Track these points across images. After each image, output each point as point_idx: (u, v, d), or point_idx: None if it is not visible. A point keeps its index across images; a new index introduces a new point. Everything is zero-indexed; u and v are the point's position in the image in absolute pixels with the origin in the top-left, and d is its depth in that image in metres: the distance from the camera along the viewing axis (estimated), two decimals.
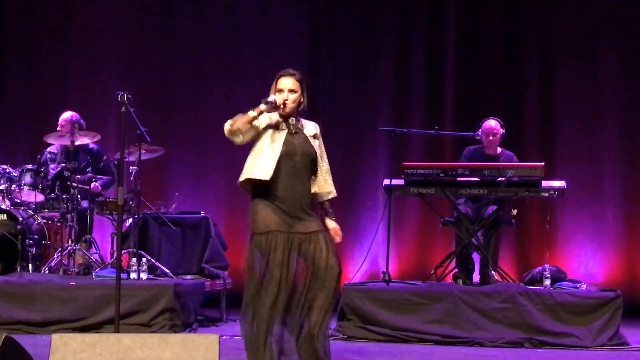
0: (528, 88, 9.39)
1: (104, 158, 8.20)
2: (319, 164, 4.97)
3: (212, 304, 7.87)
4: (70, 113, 8.25)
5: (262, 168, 4.83)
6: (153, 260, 7.57)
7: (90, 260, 7.77)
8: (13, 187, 7.85)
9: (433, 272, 7.41)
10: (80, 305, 6.86)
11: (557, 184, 7.26)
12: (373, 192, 9.21)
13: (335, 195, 5.05)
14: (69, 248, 7.68)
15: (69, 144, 7.86)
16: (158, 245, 7.93)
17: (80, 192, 7.87)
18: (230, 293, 7.84)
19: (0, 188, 7.84)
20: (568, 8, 9.35)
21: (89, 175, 8.07)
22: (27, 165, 8.03)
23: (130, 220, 7.80)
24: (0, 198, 7.84)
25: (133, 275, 7.21)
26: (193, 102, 9.75)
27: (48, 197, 7.90)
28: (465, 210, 7.38)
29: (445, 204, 7.79)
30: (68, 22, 9.99)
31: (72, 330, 6.56)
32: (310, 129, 5.02)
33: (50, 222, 7.97)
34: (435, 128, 7.82)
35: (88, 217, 7.99)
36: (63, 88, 9.87)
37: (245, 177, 4.87)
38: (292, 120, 4.96)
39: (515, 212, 7.34)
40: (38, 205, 7.88)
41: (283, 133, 4.91)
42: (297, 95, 4.96)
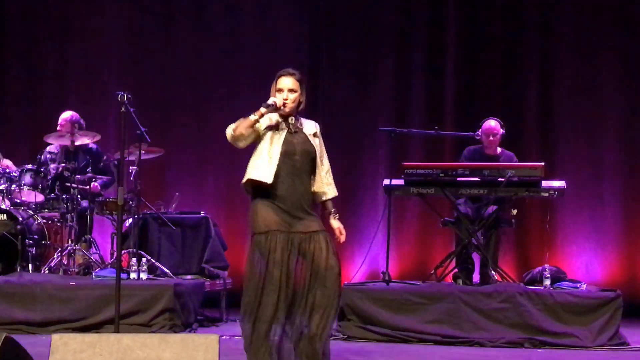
0: (528, 88, 9.40)
1: (104, 158, 8.21)
2: (318, 163, 4.97)
3: (212, 304, 7.87)
4: (70, 113, 8.24)
5: (263, 170, 4.84)
6: (153, 260, 7.57)
7: (90, 260, 7.77)
8: (13, 187, 7.85)
9: (433, 272, 7.40)
10: (80, 305, 6.86)
11: (557, 184, 7.25)
12: (373, 192, 9.21)
13: (336, 195, 5.05)
14: (69, 248, 7.68)
15: (69, 144, 7.86)
16: (158, 245, 7.93)
17: (80, 192, 7.87)
18: (230, 293, 7.85)
19: (0, 188, 7.84)
20: (568, 8, 9.36)
21: (89, 176, 8.06)
22: (27, 165, 8.03)
23: (130, 220, 7.80)
24: (0, 198, 7.84)
25: (133, 275, 7.21)
26: (193, 102, 9.76)
27: (48, 197, 7.90)
28: (465, 210, 7.37)
29: (445, 204, 7.79)
30: (68, 22, 10.00)
31: (72, 330, 6.56)
32: (310, 128, 5.02)
33: (50, 222, 7.97)
34: (435, 128, 7.81)
35: (88, 217, 8.00)
36: (63, 88, 9.88)
37: (247, 178, 4.88)
38: (291, 120, 4.96)
39: (515, 212, 7.33)
40: (38, 205, 7.88)
41: (283, 133, 4.91)
42: (297, 95, 4.96)
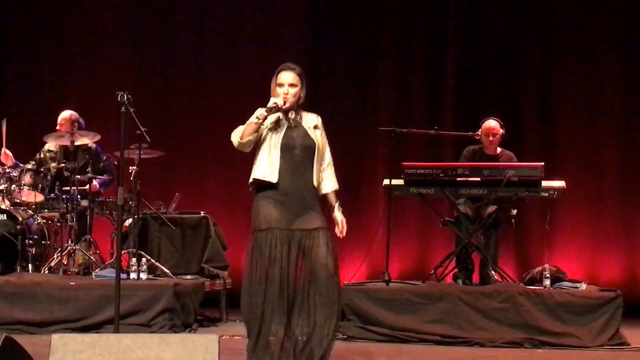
0: (528, 88, 9.40)
1: (104, 158, 8.21)
2: (317, 156, 4.96)
3: (212, 304, 7.86)
4: (70, 112, 8.24)
5: (266, 168, 4.87)
6: (153, 260, 7.57)
7: (90, 260, 7.77)
8: (13, 187, 7.84)
9: (433, 272, 7.40)
10: (80, 305, 6.85)
11: (557, 184, 7.25)
12: (373, 192, 9.21)
13: (337, 188, 5.05)
14: (69, 248, 7.68)
15: (69, 144, 7.86)
16: (158, 245, 7.93)
17: (80, 191, 7.86)
18: (230, 293, 7.83)
19: (0, 188, 7.84)
20: (568, 8, 9.36)
21: (89, 176, 8.06)
22: (27, 165, 8.04)
23: (130, 220, 7.80)
24: (0, 198, 7.83)
25: (133, 275, 7.20)
26: (193, 101, 9.76)
27: (48, 197, 7.90)
28: (465, 210, 7.37)
29: (445, 204, 7.79)
30: (68, 22, 10.00)
31: (72, 330, 6.55)
32: (311, 121, 5.03)
33: (50, 222, 7.97)
34: (435, 128, 7.81)
35: (88, 217, 8.00)
36: (63, 88, 9.87)
37: (253, 178, 4.90)
38: (291, 114, 4.98)
39: (515, 212, 7.32)
40: (38, 205, 7.88)
41: (283, 128, 4.94)
42: (297, 90, 4.99)
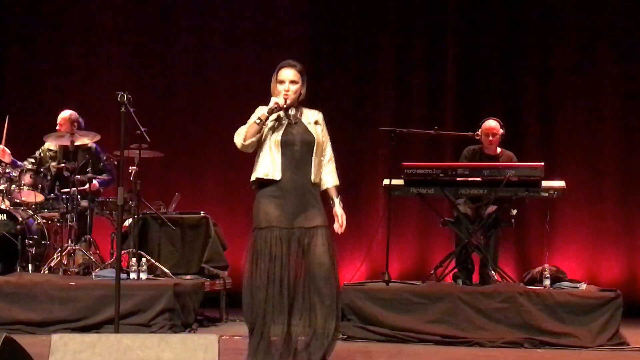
0: (528, 88, 9.40)
1: (104, 158, 8.21)
2: (315, 151, 4.95)
3: (211, 304, 7.86)
4: (69, 112, 8.24)
5: (269, 167, 4.88)
6: (153, 260, 7.57)
7: (90, 260, 7.77)
8: (13, 187, 7.84)
9: (433, 272, 7.40)
10: (80, 305, 6.85)
11: (557, 184, 7.25)
12: (373, 192, 9.21)
13: (337, 184, 5.05)
14: (69, 248, 7.68)
15: (69, 144, 7.86)
16: (158, 245, 7.93)
17: (80, 191, 7.86)
18: (230, 293, 7.83)
19: (0, 188, 7.84)
20: (568, 8, 9.36)
21: (89, 176, 8.06)
22: (26, 163, 8.03)
23: (130, 220, 7.80)
24: (0, 198, 7.83)
25: (133, 275, 7.20)
26: (193, 101, 9.76)
27: (48, 197, 7.90)
28: (465, 210, 7.37)
29: (445, 204, 7.79)
30: (68, 22, 10.00)
31: (72, 331, 6.55)
32: (311, 116, 5.04)
33: (50, 222, 7.97)
34: (435, 128, 7.80)
35: (88, 217, 8.00)
36: (63, 88, 9.87)
37: (255, 177, 4.90)
38: (292, 111, 4.99)
39: (515, 212, 7.32)
40: (38, 205, 7.88)
41: (283, 125, 4.95)
42: (298, 87, 5.00)
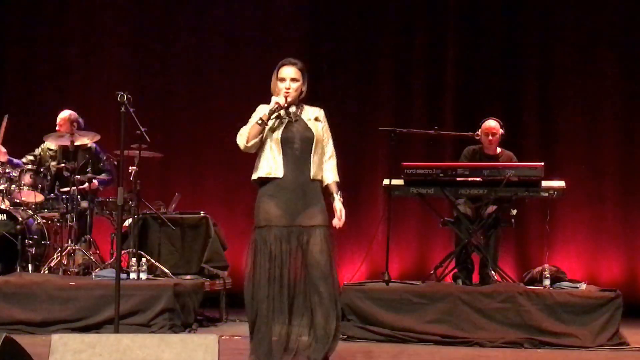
0: (528, 88, 9.41)
1: (104, 158, 8.21)
2: (315, 147, 4.96)
3: (211, 304, 7.86)
4: (69, 112, 8.24)
5: (270, 165, 4.89)
6: (153, 260, 7.57)
7: (90, 260, 7.77)
8: (13, 187, 7.84)
9: (433, 272, 7.40)
10: (80, 305, 6.85)
11: (557, 184, 7.25)
12: (373, 192, 9.21)
13: (337, 180, 5.05)
14: (69, 248, 7.68)
15: (69, 144, 7.86)
16: (158, 245, 7.93)
17: (80, 191, 7.86)
18: (230, 293, 7.84)
19: (0, 188, 7.84)
20: (568, 8, 9.36)
21: (89, 176, 8.06)
22: (24, 161, 8.04)
23: (130, 220, 7.80)
24: (0, 198, 7.83)
25: (133, 275, 7.20)
26: (193, 102, 9.76)
27: (48, 197, 7.90)
28: (465, 210, 7.37)
29: (445, 204, 7.79)
30: (68, 22, 10.00)
31: (72, 330, 6.55)
32: (312, 113, 5.05)
33: (50, 222, 7.97)
34: (435, 128, 7.81)
35: (88, 217, 8.00)
36: (63, 88, 9.87)
37: (258, 176, 4.91)
38: (292, 109, 4.99)
39: (515, 212, 7.32)
40: (38, 205, 7.88)
41: (283, 123, 4.96)
42: (299, 84, 5.01)
